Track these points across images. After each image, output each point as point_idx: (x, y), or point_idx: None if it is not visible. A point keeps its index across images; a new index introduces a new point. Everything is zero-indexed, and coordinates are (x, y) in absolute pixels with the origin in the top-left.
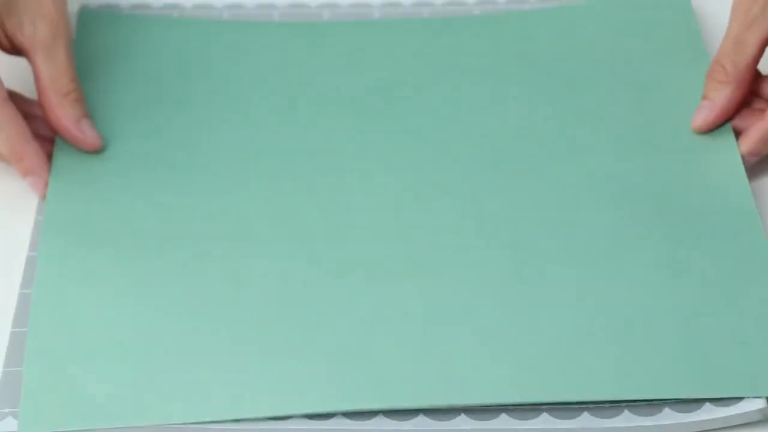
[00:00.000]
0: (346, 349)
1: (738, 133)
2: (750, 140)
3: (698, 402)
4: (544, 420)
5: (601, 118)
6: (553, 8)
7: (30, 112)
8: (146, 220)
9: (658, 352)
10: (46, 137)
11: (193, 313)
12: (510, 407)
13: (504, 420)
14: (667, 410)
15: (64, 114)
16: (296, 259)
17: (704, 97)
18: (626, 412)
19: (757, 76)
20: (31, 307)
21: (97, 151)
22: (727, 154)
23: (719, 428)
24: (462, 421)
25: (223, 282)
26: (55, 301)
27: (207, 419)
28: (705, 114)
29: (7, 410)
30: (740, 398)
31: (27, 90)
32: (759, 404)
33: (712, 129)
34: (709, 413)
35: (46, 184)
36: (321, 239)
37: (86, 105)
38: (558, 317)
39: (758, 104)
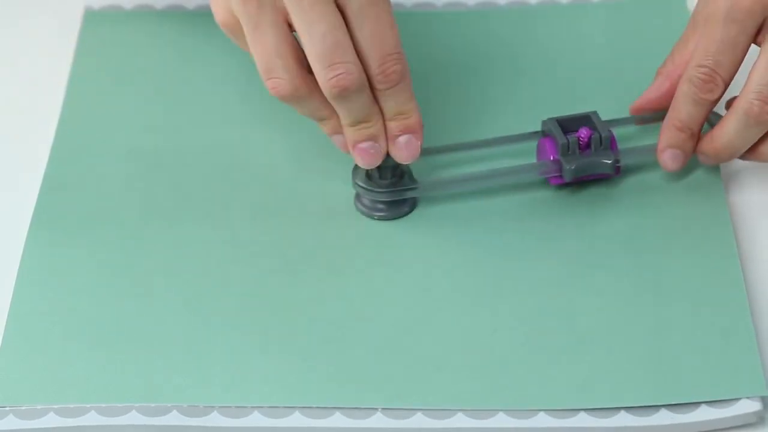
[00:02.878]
0: (320, 347)
1: None
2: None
3: (695, 403)
4: (541, 419)
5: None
6: (551, 6)
7: None
8: (136, 213)
9: (649, 358)
10: None
11: (170, 306)
12: (509, 408)
13: (501, 419)
14: (663, 411)
15: None
16: (280, 259)
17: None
18: (622, 412)
19: None
20: (14, 291)
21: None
22: (707, 167)
23: (715, 429)
24: (459, 420)
25: (204, 277)
26: (38, 285)
27: (172, 402)
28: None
29: (8, 408)
30: (736, 400)
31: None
32: (754, 406)
33: None
34: (705, 414)
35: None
36: (305, 238)
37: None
38: (554, 326)
39: None
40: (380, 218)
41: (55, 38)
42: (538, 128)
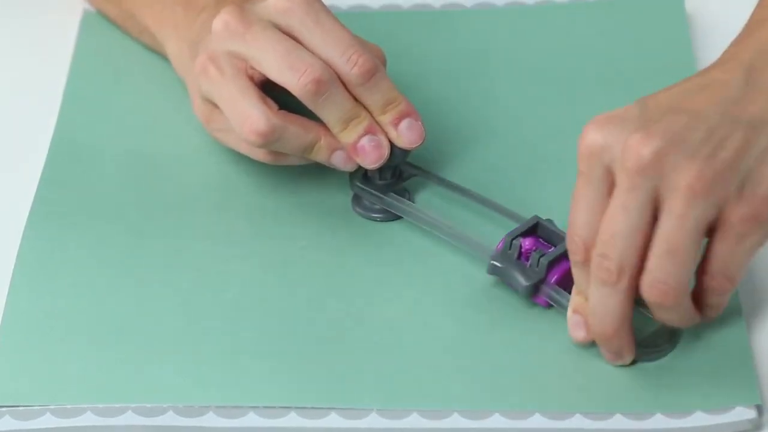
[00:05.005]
0: (312, 349)
1: None
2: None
3: (689, 409)
4: (537, 421)
5: (583, 121)
6: (548, 6)
7: None
8: (133, 213)
9: (644, 365)
10: None
11: (166, 306)
12: (504, 409)
13: (496, 420)
14: (658, 415)
15: None
16: (276, 259)
17: None
18: (618, 415)
19: None
20: (9, 290)
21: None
22: None
23: None
24: (455, 420)
25: (201, 277)
26: (34, 285)
27: (168, 402)
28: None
29: (4, 408)
30: (731, 407)
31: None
32: (750, 413)
33: None
34: (700, 420)
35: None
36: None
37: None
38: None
39: None
40: (377, 220)
41: (53, 39)
42: (537, 128)
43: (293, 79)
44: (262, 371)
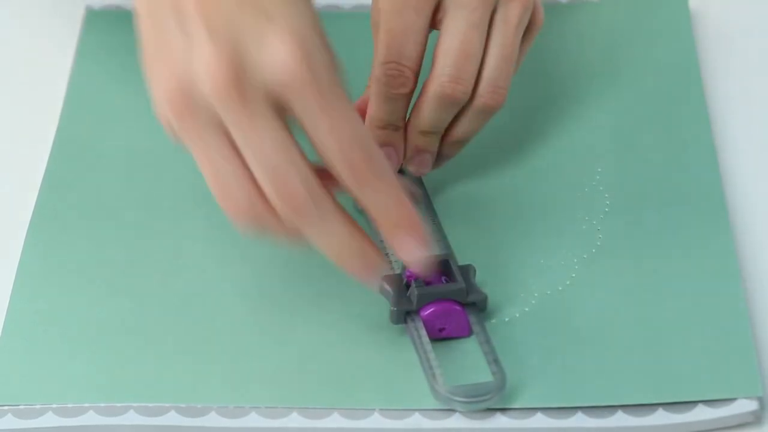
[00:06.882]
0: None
1: None
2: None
3: (691, 403)
4: (538, 420)
5: (587, 119)
6: (550, 5)
7: None
8: (135, 213)
9: (646, 357)
10: None
11: (169, 306)
12: (506, 408)
13: (498, 419)
14: (660, 411)
15: None
16: (279, 259)
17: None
18: (620, 412)
19: None
20: (12, 289)
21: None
22: (707, 167)
23: (712, 429)
24: (457, 420)
25: (202, 277)
26: (37, 284)
27: (170, 402)
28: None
29: (6, 407)
30: (733, 399)
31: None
32: (751, 406)
33: None
34: (702, 414)
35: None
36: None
37: None
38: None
39: None
40: None
41: (56, 37)
42: (539, 127)
43: (276, 199)
44: (264, 371)
